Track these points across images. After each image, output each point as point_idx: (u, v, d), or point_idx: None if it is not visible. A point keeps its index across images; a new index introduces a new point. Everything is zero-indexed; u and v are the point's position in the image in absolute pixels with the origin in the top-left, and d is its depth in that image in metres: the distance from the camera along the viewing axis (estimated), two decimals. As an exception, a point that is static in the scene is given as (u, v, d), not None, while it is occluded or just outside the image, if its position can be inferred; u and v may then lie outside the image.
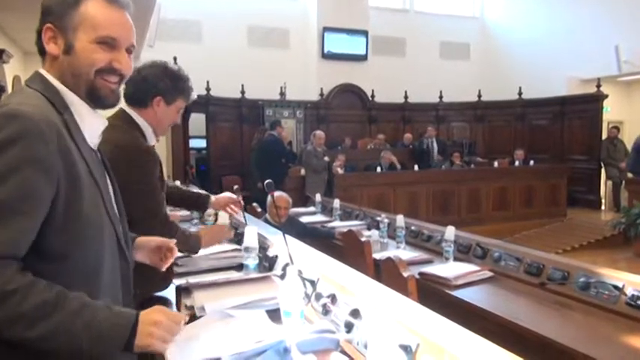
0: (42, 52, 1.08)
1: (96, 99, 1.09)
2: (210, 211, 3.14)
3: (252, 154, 7.36)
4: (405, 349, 1.08)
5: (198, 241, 1.95)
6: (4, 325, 0.87)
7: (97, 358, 0.95)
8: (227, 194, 2.37)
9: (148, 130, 1.84)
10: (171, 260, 1.43)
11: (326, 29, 9.86)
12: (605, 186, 9.38)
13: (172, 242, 1.42)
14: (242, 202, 2.31)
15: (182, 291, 1.73)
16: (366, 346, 1.21)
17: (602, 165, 9.05)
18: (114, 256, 1.12)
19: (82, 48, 1.06)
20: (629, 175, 8.04)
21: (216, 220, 2.89)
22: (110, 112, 1.46)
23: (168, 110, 1.85)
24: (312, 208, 5.37)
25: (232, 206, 2.30)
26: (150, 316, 1.01)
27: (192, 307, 1.61)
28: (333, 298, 1.46)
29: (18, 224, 0.89)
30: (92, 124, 1.11)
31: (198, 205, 2.34)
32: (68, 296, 0.93)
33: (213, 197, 2.31)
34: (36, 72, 1.08)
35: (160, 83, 1.80)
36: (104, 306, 0.98)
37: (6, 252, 0.88)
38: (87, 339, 0.92)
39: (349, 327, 1.31)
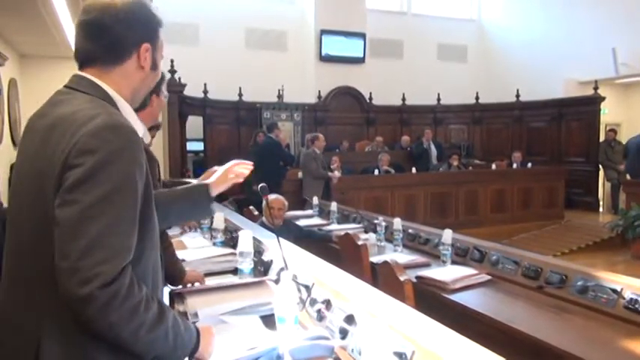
0: (89, 59, 1.08)
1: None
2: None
3: (250, 157, 7.33)
4: (400, 356, 1.06)
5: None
6: (132, 330, 0.91)
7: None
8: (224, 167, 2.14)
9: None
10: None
11: (323, 32, 9.85)
12: (603, 188, 9.38)
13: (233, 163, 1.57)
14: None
15: (175, 296, 1.71)
16: (360, 353, 1.19)
17: (600, 167, 9.05)
18: (160, 260, 1.17)
19: (160, 65, 1.16)
20: (627, 177, 8.04)
21: (211, 224, 2.87)
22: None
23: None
24: (309, 211, 5.36)
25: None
26: (207, 331, 1.17)
27: (185, 314, 1.60)
28: (327, 303, 1.45)
29: (133, 230, 0.94)
30: (139, 129, 1.13)
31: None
32: (163, 304, 1.01)
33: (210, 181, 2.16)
34: (82, 77, 1.07)
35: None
36: (176, 315, 1.05)
37: (130, 258, 0.93)
38: (174, 347, 1.00)
39: (344, 333, 1.30)
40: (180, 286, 1.84)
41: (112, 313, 0.88)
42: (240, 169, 1.60)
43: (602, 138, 9.18)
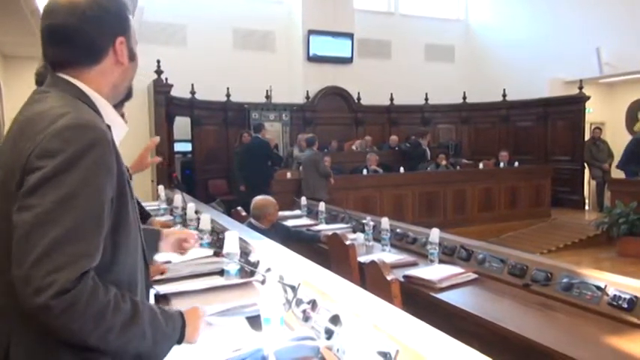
0: (62, 65, 1.03)
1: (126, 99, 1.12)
2: (191, 215, 3.10)
3: (236, 157, 7.31)
4: (385, 355, 1.06)
5: None
6: (99, 335, 0.88)
7: (150, 356, 1.01)
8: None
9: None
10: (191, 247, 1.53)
11: (311, 32, 9.84)
12: (588, 186, 9.49)
13: (192, 233, 1.54)
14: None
15: (160, 298, 1.69)
16: (345, 353, 1.19)
17: (586, 165, 9.16)
18: (142, 262, 1.13)
19: (137, 54, 1.10)
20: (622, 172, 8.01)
21: (198, 226, 2.85)
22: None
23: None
24: (297, 212, 5.35)
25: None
26: (193, 313, 1.16)
27: (170, 315, 1.58)
28: (313, 304, 1.44)
29: (99, 234, 0.90)
30: (121, 130, 1.10)
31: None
32: (138, 303, 0.97)
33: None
34: (58, 77, 1.02)
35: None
36: (154, 306, 1.04)
37: (93, 264, 0.89)
38: (154, 342, 0.98)
39: (329, 334, 1.29)
40: (196, 216, 1.81)
41: (74, 321, 0.85)
42: (190, 246, 1.54)
43: (587, 137, 9.29)
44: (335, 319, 1.30)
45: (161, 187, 4.83)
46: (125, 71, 1.08)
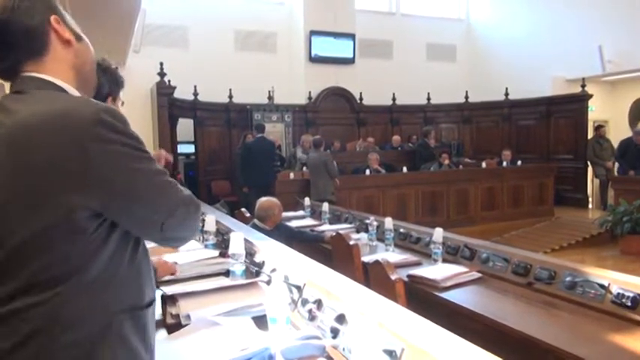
0: (14, 67, 0.98)
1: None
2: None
3: (238, 158, 7.33)
4: (390, 353, 1.07)
5: None
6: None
7: None
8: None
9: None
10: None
11: (313, 33, 9.87)
12: (592, 184, 9.48)
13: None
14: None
15: (167, 299, 1.71)
16: (351, 352, 1.21)
17: (589, 164, 9.15)
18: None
19: (80, 33, 1.05)
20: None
21: (203, 226, 2.87)
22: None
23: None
24: (300, 212, 5.36)
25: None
26: None
27: (177, 316, 1.60)
28: (319, 303, 1.46)
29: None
30: None
31: None
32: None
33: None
34: (23, 77, 0.97)
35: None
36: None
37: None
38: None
39: (335, 332, 1.31)
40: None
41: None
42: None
43: (590, 135, 9.28)
44: (341, 318, 1.31)
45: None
46: (77, 52, 1.02)
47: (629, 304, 2.07)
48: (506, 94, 10.38)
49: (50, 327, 0.87)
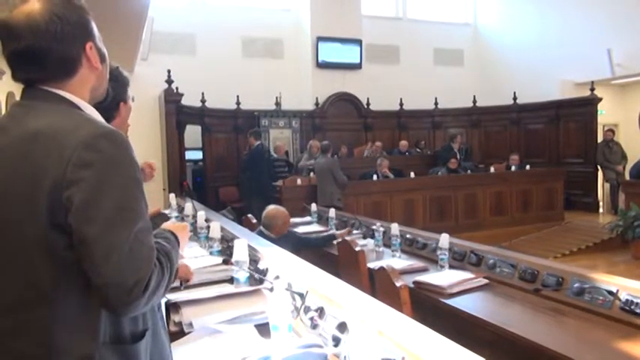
0: (39, 82, 1.00)
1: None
2: (202, 223, 3.13)
3: (244, 164, 7.38)
4: (390, 362, 1.06)
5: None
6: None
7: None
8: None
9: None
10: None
11: (320, 39, 9.90)
12: (602, 189, 9.38)
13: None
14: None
15: (170, 307, 1.71)
16: (352, 360, 1.20)
17: (599, 168, 9.05)
18: None
19: (106, 54, 1.09)
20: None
21: (208, 234, 2.88)
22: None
23: None
24: (307, 218, 5.36)
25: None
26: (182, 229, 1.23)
27: (180, 324, 1.60)
28: (321, 311, 1.45)
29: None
30: None
31: None
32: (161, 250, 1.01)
33: None
34: (39, 89, 0.99)
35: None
36: (160, 240, 1.06)
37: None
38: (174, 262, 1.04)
39: (336, 341, 1.30)
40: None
41: (154, 299, 0.94)
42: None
43: (599, 139, 9.19)
44: (342, 327, 1.31)
45: (172, 195, 4.88)
46: (100, 75, 1.07)
47: (637, 310, 2.04)
48: (515, 98, 10.32)
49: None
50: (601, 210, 9.24)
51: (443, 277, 2.72)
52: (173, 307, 1.71)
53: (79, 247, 0.88)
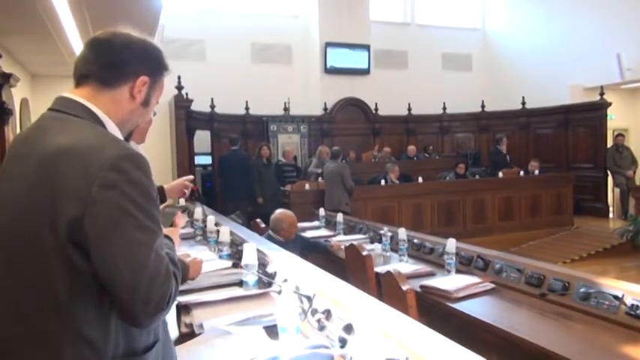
0: (85, 75, 1.08)
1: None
2: (211, 227, 3.18)
3: (253, 169, 7.41)
4: (395, 363, 1.10)
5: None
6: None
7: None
8: (179, 180, 2.31)
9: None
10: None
11: (328, 44, 9.96)
12: (612, 194, 9.31)
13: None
14: (191, 184, 2.26)
15: (182, 309, 1.76)
16: (358, 361, 1.23)
17: (609, 173, 9.00)
18: None
19: (151, 106, 1.15)
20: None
21: (217, 238, 2.92)
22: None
23: None
24: (316, 223, 5.40)
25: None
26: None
27: (191, 325, 1.64)
28: (328, 313, 1.49)
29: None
30: None
31: None
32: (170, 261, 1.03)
33: (166, 186, 2.22)
34: (69, 99, 1.06)
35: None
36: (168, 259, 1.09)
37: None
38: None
39: (343, 342, 1.33)
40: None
41: (166, 311, 0.98)
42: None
43: (609, 144, 9.14)
44: (348, 328, 1.34)
45: (182, 200, 4.94)
46: (134, 111, 1.11)
47: (643, 315, 2.05)
48: (523, 103, 10.30)
49: None
50: (611, 215, 9.17)
51: (449, 282, 2.74)
52: (184, 309, 1.75)
53: (101, 266, 0.91)
